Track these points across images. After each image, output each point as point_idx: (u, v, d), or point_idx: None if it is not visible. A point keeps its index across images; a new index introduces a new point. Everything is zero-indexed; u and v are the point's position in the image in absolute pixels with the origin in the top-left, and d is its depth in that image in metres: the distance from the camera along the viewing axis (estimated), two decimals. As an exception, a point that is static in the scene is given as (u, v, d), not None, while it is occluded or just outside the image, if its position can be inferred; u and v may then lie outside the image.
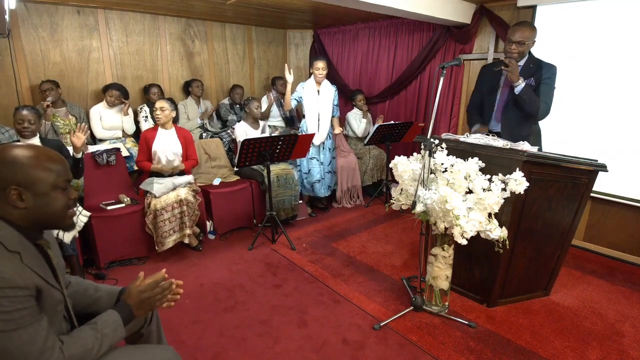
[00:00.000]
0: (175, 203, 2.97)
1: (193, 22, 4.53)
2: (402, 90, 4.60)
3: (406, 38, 4.41)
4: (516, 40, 2.49)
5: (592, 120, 3.09)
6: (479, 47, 3.86)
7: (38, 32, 3.58)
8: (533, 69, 2.55)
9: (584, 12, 3.04)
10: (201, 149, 3.86)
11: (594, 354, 2.03)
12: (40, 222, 1.07)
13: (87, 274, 2.82)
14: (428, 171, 2.07)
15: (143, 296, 1.24)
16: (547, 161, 2.09)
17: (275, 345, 2.09)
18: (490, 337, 2.14)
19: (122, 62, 4.10)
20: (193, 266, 2.97)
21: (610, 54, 2.95)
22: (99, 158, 3.18)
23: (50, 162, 1.06)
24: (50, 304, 1.05)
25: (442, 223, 2.01)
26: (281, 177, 3.62)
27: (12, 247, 0.99)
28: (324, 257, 3.10)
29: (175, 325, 2.24)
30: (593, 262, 3.05)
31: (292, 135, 3.21)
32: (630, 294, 2.59)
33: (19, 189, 1.01)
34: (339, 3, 2.88)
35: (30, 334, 0.96)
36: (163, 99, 3.18)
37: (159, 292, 1.27)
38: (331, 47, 5.31)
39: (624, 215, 3.08)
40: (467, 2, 3.60)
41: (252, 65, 5.21)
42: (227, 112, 4.56)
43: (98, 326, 1.12)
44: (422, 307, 2.33)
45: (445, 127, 4.12)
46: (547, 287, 2.54)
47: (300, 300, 2.51)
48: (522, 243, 2.28)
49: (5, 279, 0.92)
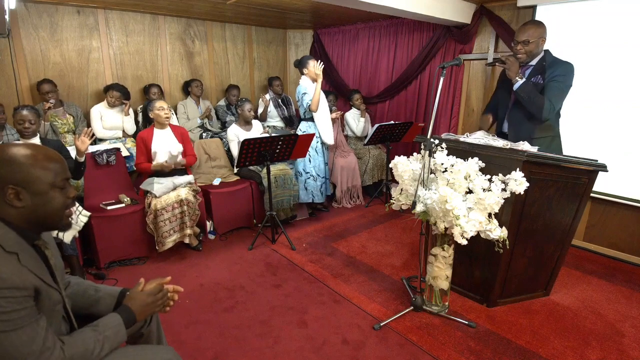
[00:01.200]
0: (175, 203, 2.97)
1: (193, 22, 4.54)
2: (402, 90, 4.60)
3: (406, 38, 4.41)
4: (521, 40, 2.45)
5: (592, 120, 3.09)
6: (479, 47, 3.86)
7: (38, 32, 3.58)
8: (545, 66, 2.46)
9: (584, 11, 3.04)
10: (201, 149, 3.86)
11: (594, 354, 2.03)
12: (38, 221, 1.07)
13: (87, 274, 2.82)
14: (428, 171, 2.07)
15: (148, 300, 1.26)
16: (547, 161, 2.09)
17: (275, 345, 2.09)
18: (490, 337, 2.14)
19: (122, 62, 4.10)
20: (193, 266, 2.97)
21: (610, 53, 2.95)
22: (99, 158, 3.18)
23: (48, 161, 1.06)
24: (48, 304, 1.05)
25: (442, 223, 2.01)
26: (279, 177, 3.61)
27: (9, 248, 0.99)
28: (324, 257, 3.10)
29: (175, 325, 2.24)
30: (593, 262, 3.05)
31: (292, 135, 3.21)
32: (630, 294, 2.59)
33: (16, 188, 1.01)
34: (339, 3, 2.88)
35: (29, 334, 0.96)
36: (162, 100, 3.19)
37: (161, 297, 1.30)
38: (331, 47, 5.31)
39: (624, 216, 3.08)
40: (467, 2, 3.60)
41: (252, 65, 5.21)
42: (225, 114, 4.56)
43: (100, 328, 1.12)
44: (422, 307, 2.33)
45: (445, 127, 4.12)
46: (547, 287, 2.54)
47: (300, 300, 2.51)
48: (522, 243, 2.28)
49: (3, 279, 0.92)
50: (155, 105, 3.11)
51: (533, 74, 2.48)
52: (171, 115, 3.12)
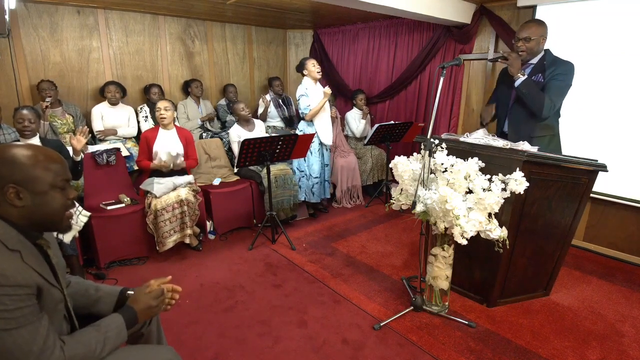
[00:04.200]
0: (175, 203, 2.97)
1: (193, 22, 4.54)
2: (402, 90, 4.60)
3: (406, 38, 4.41)
4: (522, 37, 2.46)
5: (592, 120, 3.09)
6: (479, 47, 3.86)
7: (38, 32, 3.58)
8: (545, 65, 2.46)
9: (584, 11, 3.04)
10: (201, 149, 3.86)
11: (594, 354, 2.03)
12: (38, 222, 1.07)
13: (87, 274, 2.82)
14: (428, 171, 2.07)
15: (152, 303, 1.27)
16: (547, 161, 2.09)
17: (275, 345, 2.09)
18: (490, 337, 2.14)
19: (122, 62, 4.10)
20: (193, 266, 2.97)
21: (610, 53, 2.95)
22: (99, 158, 3.17)
23: (49, 162, 1.06)
24: (50, 303, 1.05)
25: (442, 223, 2.01)
26: (279, 177, 3.61)
27: (12, 246, 0.99)
28: (324, 257, 3.10)
29: (175, 325, 2.24)
30: (593, 262, 3.05)
31: (292, 135, 3.21)
32: (630, 294, 2.59)
33: (16, 188, 1.01)
34: (339, 3, 2.88)
35: (31, 333, 0.96)
36: (165, 99, 3.18)
37: (163, 299, 1.31)
38: (331, 47, 5.31)
39: (623, 216, 3.08)
40: (467, 2, 3.60)
41: (252, 65, 5.21)
42: (225, 113, 4.55)
43: (102, 328, 1.13)
44: (422, 307, 2.33)
45: (445, 127, 4.12)
46: (547, 287, 2.54)
47: (300, 300, 2.51)
48: (522, 243, 2.28)
49: (6, 276, 0.93)
50: (159, 105, 3.12)
51: (533, 72, 2.48)
52: (169, 116, 3.09)
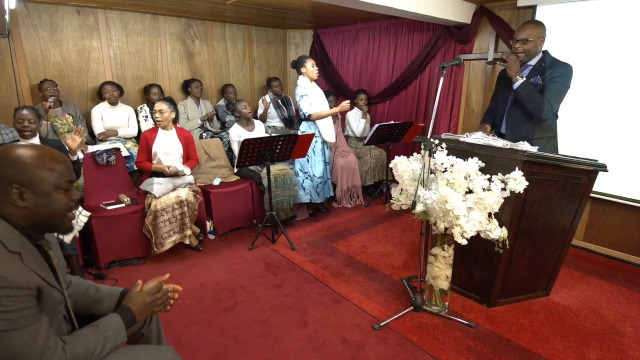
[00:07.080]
0: (175, 204, 2.97)
1: (193, 22, 4.53)
2: (402, 90, 4.60)
3: (406, 38, 4.41)
4: (520, 38, 2.45)
5: (592, 120, 3.09)
6: (479, 47, 3.86)
7: (38, 32, 3.58)
8: (544, 67, 2.46)
9: (584, 11, 3.04)
10: (201, 149, 3.86)
11: (594, 354, 2.03)
12: (40, 222, 1.07)
13: (87, 274, 2.82)
14: (428, 171, 2.07)
15: (147, 300, 1.27)
16: (547, 161, 2.09)
17: (275, 346, 2.09)
18: (490, 337, 2.14)
19: (122, 62, 4.10)
20: (193, 266, 2.97)
21: (610, 53, 2.95)
22: (99, 158, 3.17)
23: (54, 163, 1.06)
24: (50, 304, 1.05)
25: (442, 223, 2.01)
26: (279, 177, 3.61)
27: (13, 248, 0.99)
28: (324, 257, 3.10)
29: (175, 325, 2.24)
30: (593, 262, 3.05)
31: (292, 135, 3.21)
32: (630, 294, 2.59)
33: (20, 188, 1.01)
34: (339, 3, 2.88)
35: (32, 334, 0.96)
36: (161, 101, 3.16)
37: (160, 296, 1.31)
38: (331, 47, 5.31)
39: (623, 215, 3.08)
40: (467, 2, 3.60)
41: (252, 65, 5.21)
42: (224, 114, 4.55)
43: (100, 328, 1.13)
44: (422, 307, 2.33)
45: (445, 127, 4.12)
46: (547, 287, 2.54)
47: (300, 300, 2.51)
48: (522, 243, 2.28)
49: (7, 278, 0.93)
50: (155, 107, 3.12)
51: (532, 74, 2.48)
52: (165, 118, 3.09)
